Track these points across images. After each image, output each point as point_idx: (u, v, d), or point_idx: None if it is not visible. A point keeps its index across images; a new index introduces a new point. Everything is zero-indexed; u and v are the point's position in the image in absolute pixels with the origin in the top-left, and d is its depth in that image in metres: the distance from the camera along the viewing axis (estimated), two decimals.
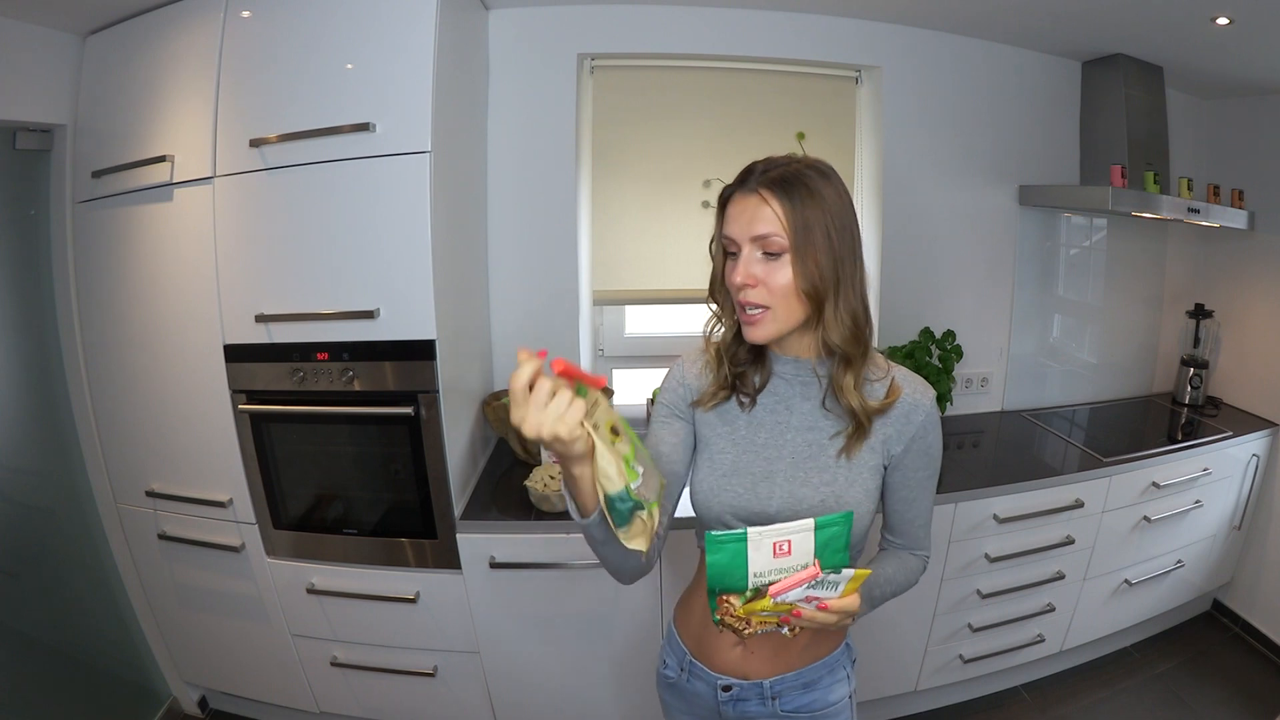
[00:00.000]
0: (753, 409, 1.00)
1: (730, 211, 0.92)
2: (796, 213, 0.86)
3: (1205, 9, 1.74)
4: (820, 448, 0.97)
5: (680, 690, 1.09)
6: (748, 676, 1.01)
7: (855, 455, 0.95)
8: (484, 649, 1.78)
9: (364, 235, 1.55)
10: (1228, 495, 2.29)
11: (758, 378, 1.00)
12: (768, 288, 0.89)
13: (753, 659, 1.01)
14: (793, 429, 0.98)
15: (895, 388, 0.95)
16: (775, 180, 0.88)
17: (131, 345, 1.73)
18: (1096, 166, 2.29)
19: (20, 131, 1.66)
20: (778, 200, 0.87)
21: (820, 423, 0.97)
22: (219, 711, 2.09)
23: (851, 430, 0.95)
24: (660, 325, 2.61)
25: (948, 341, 2.25)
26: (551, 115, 2.05)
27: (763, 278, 0.89)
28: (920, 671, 2.01)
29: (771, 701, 1.02)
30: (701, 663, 1.04)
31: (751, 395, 1.00)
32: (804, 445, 0.97)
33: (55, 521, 1.84)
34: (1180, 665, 2.30)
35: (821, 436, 0.97)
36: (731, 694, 1.02)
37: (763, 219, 0.87)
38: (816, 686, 1.03)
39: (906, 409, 0.95)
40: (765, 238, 0.87)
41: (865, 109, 2.28)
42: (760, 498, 0.97)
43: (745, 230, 0.89)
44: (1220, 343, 2.56)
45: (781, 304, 0.89)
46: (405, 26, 1.49)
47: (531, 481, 1.72)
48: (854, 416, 0.94)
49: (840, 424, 0.96)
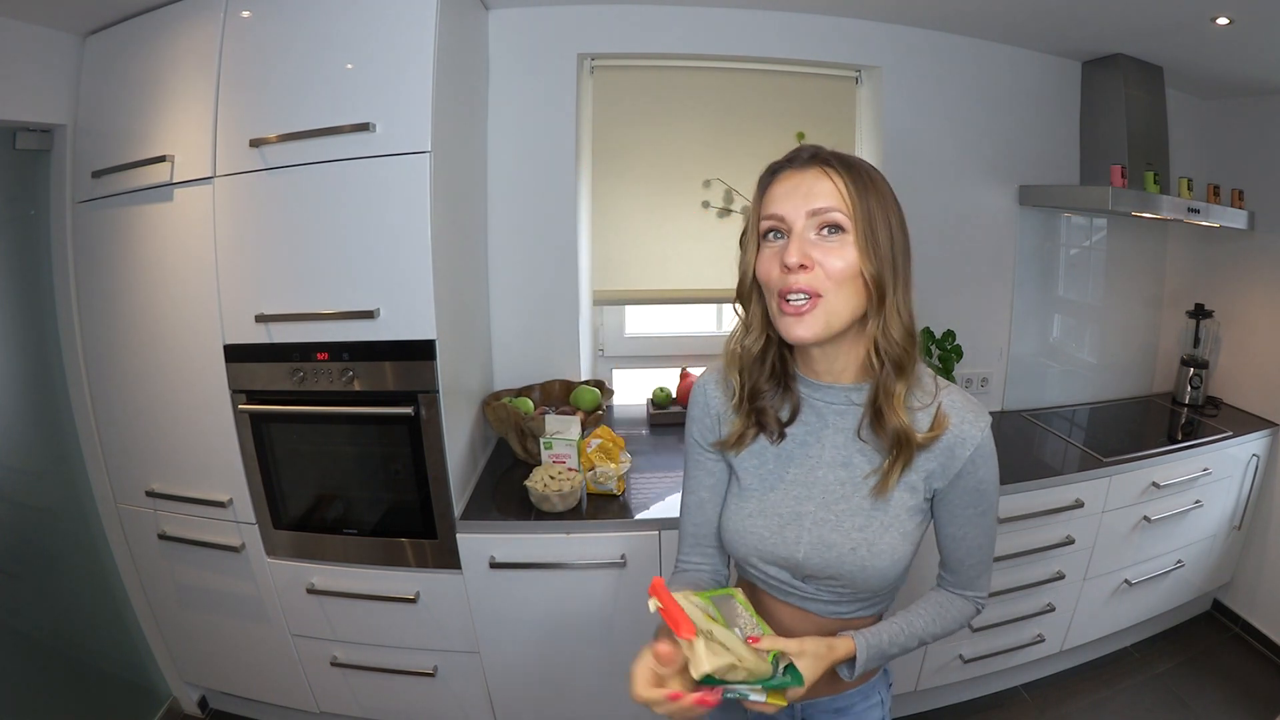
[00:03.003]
0: (781, 441, 0.91)
1: (777, 190, 0.82)
2: (861, 192, 0.79)
3: (1205, 9, 1.74)
4: (854, 487, 0.87)
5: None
6: None
7: (892, 494, 0.86)
8: (484, 649, 1.78)
9: (364, 235, 1.55)
10: (1228, 495, 2.29)
11: (784, 411, 0.90)
12: (823, 270, 0.78)
13: None
14: (824, 464, 0.89)
15: (941, 418, 0.84)
16: (835, 157, 0.81)
17: (131, 345, 1.73)
18: (1096, 166, 2.29)
19: (20, 131, 1.65)
20: (839, 175, 0.79)
21: (855, 458, 0.88)
22: (219, 711, 2.09)
23: (890, 462, 0.84)
24: (660, 325, 2.61)
25: (948, 341, 2.25)
26: (551, 115, 2.05)
27: (819, 259, 0.78)
28: (920, 671, 2.01)
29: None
30: None
31: (779, 430, 0.91)
32: (836, 484, 0.88)
33: (55, 521, 1.84)
34: (1180, 665, 2.30)
35: (856, 475, 0.87)
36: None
37: (823, 192, 0.78)
38: (849, 712, 0.98)
39: (952, 441, 0.84)
40: (826, 211, 0.78)
41: (865, 109, 2.28)
42: (787, 542, 0.89)
43: (801, 204, 0.79)
44: (1220, 343, 2.56)
45: (836, 292, 0.79)
46: (405, 26, 1.49)
47: (531, 481, 1.72)
48: (896, 442, 0.83)
49: (877, 459, 0.86)
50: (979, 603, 0.96)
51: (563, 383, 2.20)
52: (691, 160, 2.27)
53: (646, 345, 2.58)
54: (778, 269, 0.80)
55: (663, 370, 2.48)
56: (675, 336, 2.58)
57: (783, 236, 0.81)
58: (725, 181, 2.29)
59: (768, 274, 0.82)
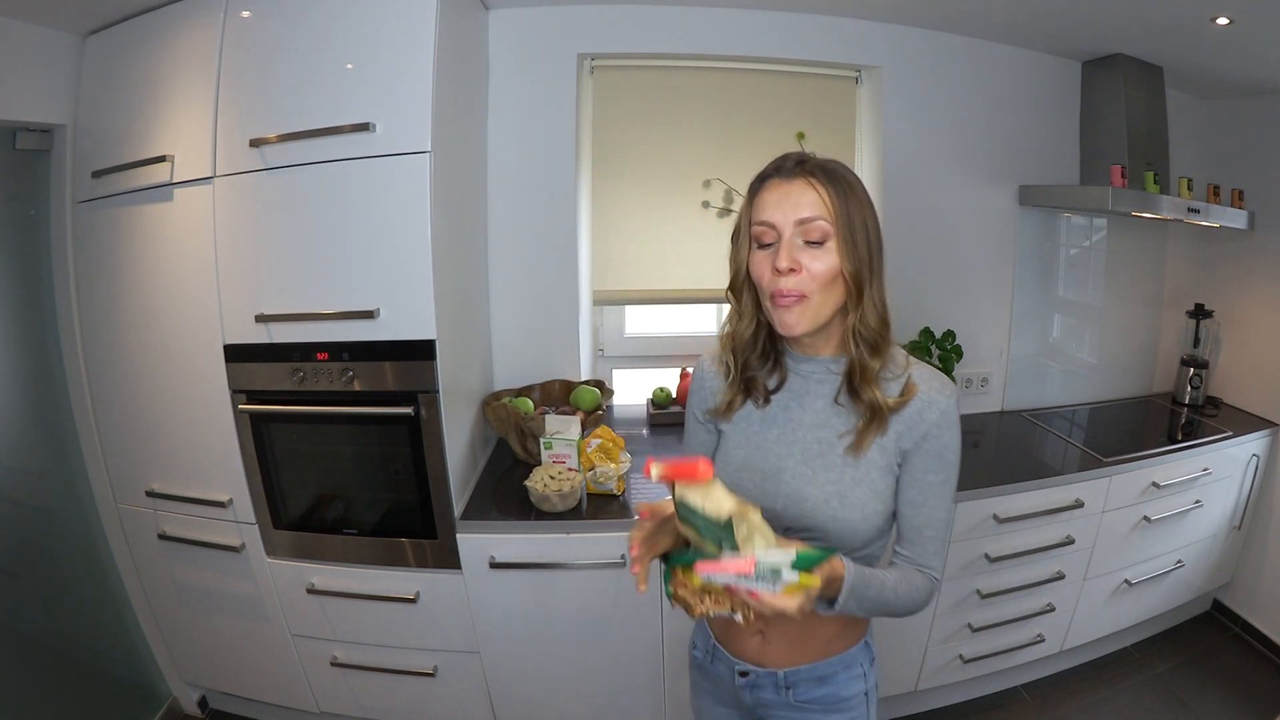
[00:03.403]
0: (767, 406, 1.02)
1: (767, 197, 0.92)
2: (840, 201, 0.89)
3: (1205, 9, 1.74)
4: (829, 445, 0.97)
5: (706, 671, 1.13)
6: (764, 665, 1.04)
7: (864, 453, 0.94)
8: (484, 649, 1.78)
9: (364, 235, 1.55)
10: (1228, 495, 2.29)
11: (772, 380, 1.01)
12: (809, 273, 0.89)
13: (770, 649, 1.03)
14: (804, 426, 0.99)
15: (910, 386, 0.94)
16: (819, 168, 0.91)
17: (131, 345, 1.73)
18: (1096, 166, 2.29)
19: (20, 131, 1.66)
20: (822, 186, 0.89)
21: (832, 420, 0.97)
22: (219, 711, 2.10)
23: (863, 425, 0.94)
24: (660, 325, 2.61)
25: (948, 341, 2.25)
26: (551, 115, 2.05)
27: (806, 264, 0.89)
28: (920, 671, 2.01)
29: (785, 691, 1.04)
30: (724, 648, 1.08)
31: (766, 396, 1.01)
32: (814, 442, 0.98)
33: (55, 521, 1.84)
34: (1180, 665, 2.30)
35: (831, 435, 0.97)
36: (748, 680, 1.05)
37: (808, 203, 0.89)
38: (831, 681, 1.03)
39: (920, 406, 0.94)
40: (810, 221, 0.89)
41: (865, 109, 2.28)
42: (767, 494, 0.98)
43: (790, 213, 0.89)
44: (1220, 343, 2.56)
45: (819, 292, 0.90)
46: (405, 26, 1.49)
47: (531, 481, 1.72)
48: (870, 410, 0.94)
49: (852, 421, 0.96)
50: (935, 579, 1.00)
51: (563, 383, 2.20)
52: (691, 160, 2.27)
53: (646, 345, 2.58)
54: (769, 272, 0.91)
55: (663, 370, 2.48)
56: (675, 336, 2.58)
57: (772, 242, 0.91)
58: (725, 181, 2.29)
59: (760, 275, 0.93)
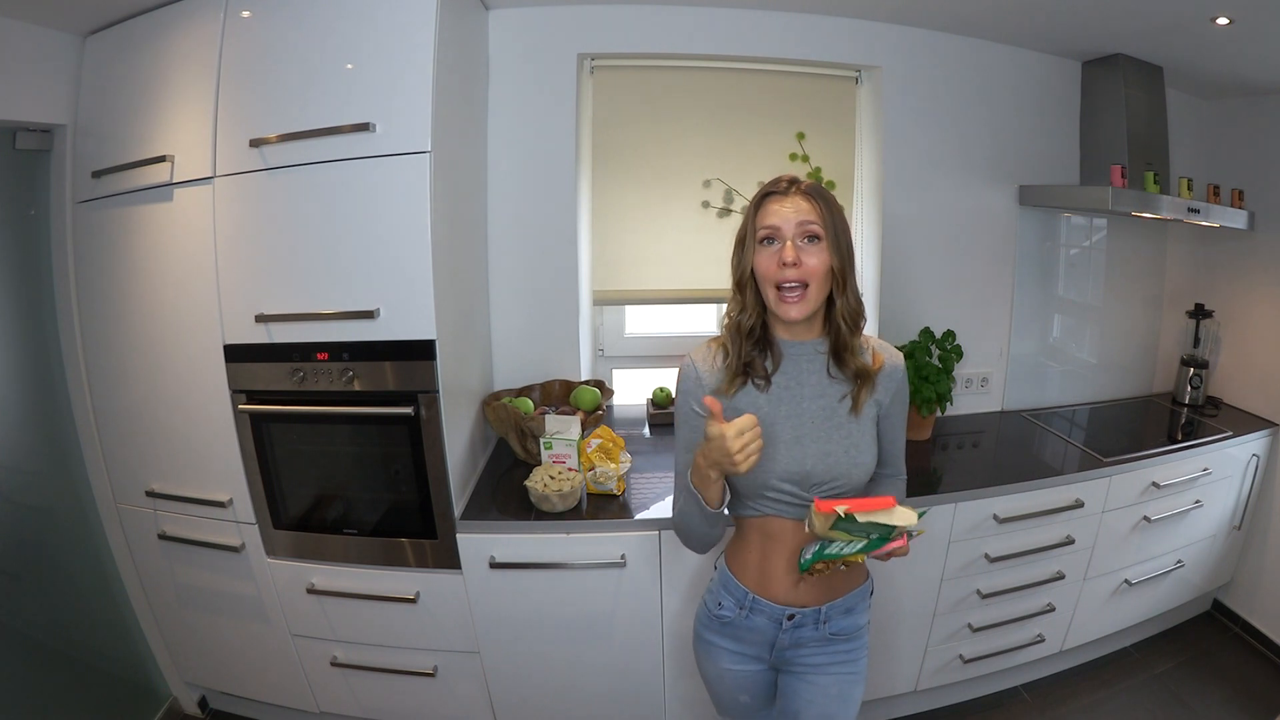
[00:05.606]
0: (769, 389, 1.20)
1: (771, 207, 1.14)
2: (827, 212, 1.14)
3: (1205, 9, 1.74)
4: (833, 409, 1.19)
5: (736, 627, 1.27)
6: (804, 606, 1.23)
7: (862, 412, 1.19)
8: (484, 649, 1.78)
9: (364, 235, 1.55)
10: (1228, 495, 2.29)
11: (768, 363, 1.21)
12: (808, 268, 1.11)
13: (808, 591, 1.23)
14: (808, 398, 1.19)
15: (876, 354, 1.22)
16: (812, 188, 1.15)
17: (131, 345, 1.73)
18: (1096, 166, 2.29)
19: (20, 131, 1.66)
20: (814, 200, 1.14)
21: (829, 389, 1.20)
22: (219, 711, 2.10)
23: (856, 389, 1.19)
24: (660, 325, 2.61)
25: (948, 341, 2.25)
26: (551, 115, 2.05)
27: (805, 259, 1.11)
28: (920, 671, 2.01)
29: (822, 625, 1.24)
30: (765, 599, 1.24)
31: (766, 378, 1.20)
32: (821, 410, 1.19)
33: (55, 521, 1.84)
34: (1180, 665, 2.30)
35: (833, 400, 1.20)
36: (794, 621, 1.24)
37: (805, 210, 1.13)
38: (854, 611, 1.27)
39: (889, 370, 1.23)
40: (809, 224, 1.12)
41: (865, 109, 2.28)
42: (796, 458, 1.18)
43: (791, 218, 1.12)
44: (1220, 343, 2.56)
45: (815, 283, 1.13)
46: (405, 26, 1.49)
47: (531, 481, 1.72)
48: (857, 377, 1.19)
49: (844, 387, 1.20)
50: (903, 474, 1.33)
51: (563, 383, 2.20)
52: (691, 160, 2.27)
53: (646, 345, 2.58)
54: (775, 266, 1.12)
55: (663, 370, 2.48)
56: (675, 336, 2.58)
57: (776, 242, 1.13)
58: (725, 181, 2.29)
59: (766, 270, 1.14)
